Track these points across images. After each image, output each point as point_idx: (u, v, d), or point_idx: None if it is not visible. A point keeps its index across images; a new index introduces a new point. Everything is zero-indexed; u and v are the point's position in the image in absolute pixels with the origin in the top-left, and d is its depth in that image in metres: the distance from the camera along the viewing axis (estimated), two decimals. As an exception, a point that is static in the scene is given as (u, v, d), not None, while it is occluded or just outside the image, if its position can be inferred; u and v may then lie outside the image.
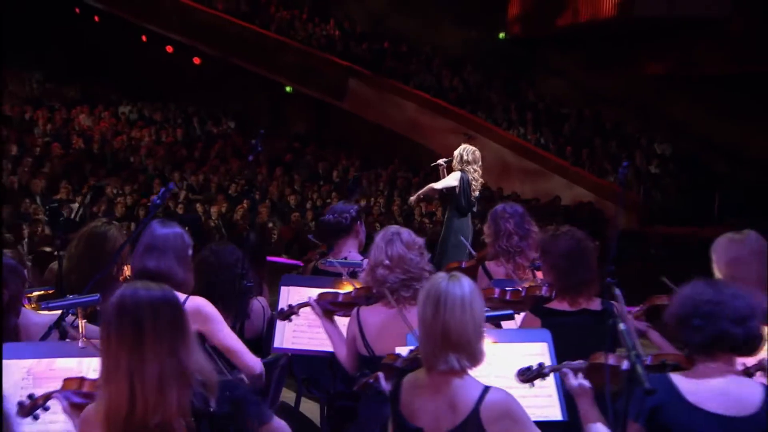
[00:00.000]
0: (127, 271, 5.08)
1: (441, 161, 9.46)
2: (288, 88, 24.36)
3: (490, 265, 5.73)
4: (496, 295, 4.76)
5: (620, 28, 22.45)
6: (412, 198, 11.01)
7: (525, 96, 24.95)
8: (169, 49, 24.72)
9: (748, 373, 3.70)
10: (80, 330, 3.40)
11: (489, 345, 3.41)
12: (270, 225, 15.72)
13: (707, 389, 3.01)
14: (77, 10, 24.84)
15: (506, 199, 20.87)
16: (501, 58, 25.52)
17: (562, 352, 4.40)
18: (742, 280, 4.25)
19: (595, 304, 4.43)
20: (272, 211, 16.90)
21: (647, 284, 5.02)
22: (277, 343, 4.43)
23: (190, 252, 4.12)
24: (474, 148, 9.26)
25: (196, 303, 3.93)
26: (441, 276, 3.16)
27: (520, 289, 4.79)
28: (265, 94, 24.89)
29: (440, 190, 9.55)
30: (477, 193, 9.24)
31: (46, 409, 3.15)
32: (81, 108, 22.49)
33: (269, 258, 13.81)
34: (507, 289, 4.83)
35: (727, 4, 20.21)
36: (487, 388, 3.08)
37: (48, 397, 3.14)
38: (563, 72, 24.89)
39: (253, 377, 3.93)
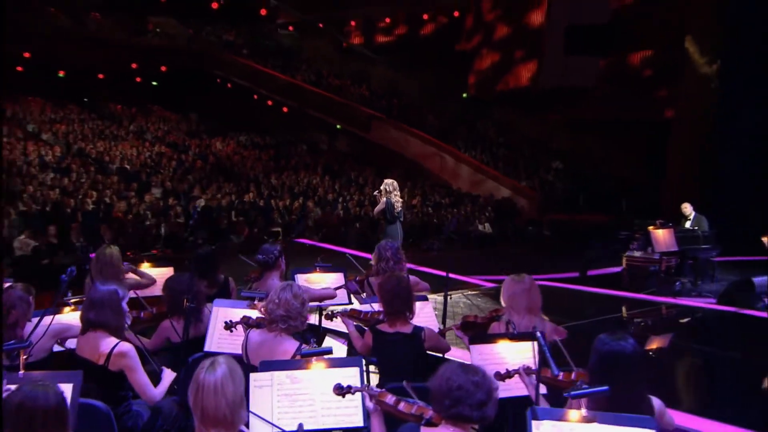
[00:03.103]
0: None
1: (376, 192, 8.09)
2: (338, 126, 23.80)
3: (372, 279, 5.08)
4: (356, 314, 4.25)
5: (532, 92, 21.90)
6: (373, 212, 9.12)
7: (477, 132, 24.11)
8: (270, 102, 24.51)
9: (509, 374, 3.20)
10: (20, 362, 2.84)
11: (320, 370, 2.92)
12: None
13: None
14: (218, 80, 24.97)
15: (464, 196, 20.39)
16: (464, 109, 24.76)
17: (381, 363, 3.93)
18: (516, 309, 3.76)
19: (407, 328, 3.88)
20: (317, 204, 16.43)
21: (538, 257, 4.27)
22: (206, 347, 3.91)
23: (124, 303, 3.49)
24: (392, 181, 8.05)
25: (123, 350, 3.33)
26: (203, 366, 2.43)
27: (369, 312, 4.21)
28: (324, 129, 24.33)
29: (378, 212, 8.16)
30: (399, 209, 7.92)
31: None
32: (217, 138, 22.21)
33: (302, 240, 13.30)
34: (362, 310, 4.29)
35: (593, 78, 20.06)
36: None
37: None
38: (500, 118, 24.14)
39: (151, 402, 3.40)
